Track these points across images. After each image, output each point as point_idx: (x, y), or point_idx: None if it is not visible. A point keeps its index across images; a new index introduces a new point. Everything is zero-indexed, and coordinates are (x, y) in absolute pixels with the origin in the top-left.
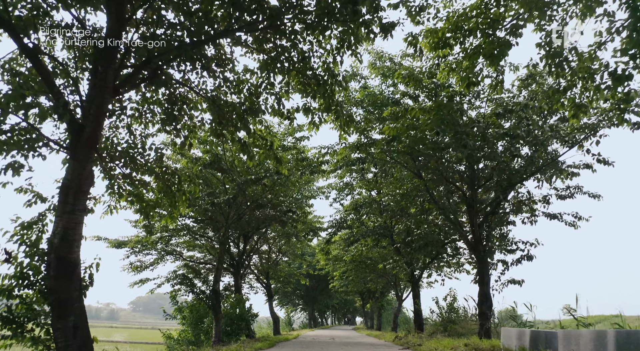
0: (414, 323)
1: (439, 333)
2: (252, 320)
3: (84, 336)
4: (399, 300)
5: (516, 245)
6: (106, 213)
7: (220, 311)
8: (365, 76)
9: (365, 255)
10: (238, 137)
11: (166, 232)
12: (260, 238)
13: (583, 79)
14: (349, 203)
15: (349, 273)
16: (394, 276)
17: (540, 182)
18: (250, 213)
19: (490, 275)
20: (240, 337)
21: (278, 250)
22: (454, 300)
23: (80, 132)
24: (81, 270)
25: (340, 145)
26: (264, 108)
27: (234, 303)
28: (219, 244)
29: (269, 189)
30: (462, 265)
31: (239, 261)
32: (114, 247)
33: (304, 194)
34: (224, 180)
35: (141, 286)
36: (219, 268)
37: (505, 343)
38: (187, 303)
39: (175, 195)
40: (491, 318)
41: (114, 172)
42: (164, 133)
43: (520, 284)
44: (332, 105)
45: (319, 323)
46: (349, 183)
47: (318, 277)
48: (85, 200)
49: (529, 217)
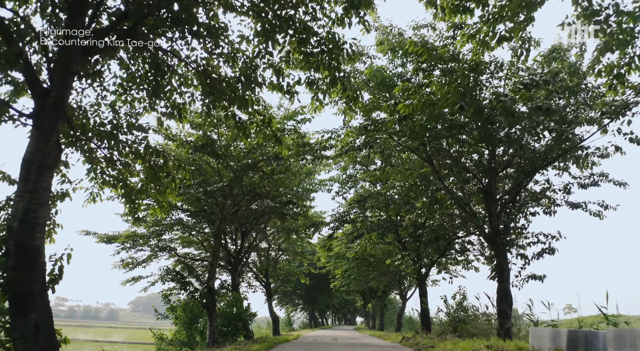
0: (421, 322)
1: (449, 334)
2: (250, 320)
3: (47, 336)
4: (403, 299)
5: (537, 238)
6: (88, 201)
7: (215, 310)
8: (371, 55)
9: (369, 251)
10: (232, 113)
11: (158, 226)
12: (259, 234)
13: (624, 43)
14: (353, 195)
15: (351, 271)
16: (397, 275)
17: (561, 170)
18: (248, 205)
19: (510, 270)
20: (238, 338)
21: (278, 248)
22: (463, 299)
23: (45, 97)
24: (47, 261)
25: (345, 128)
26: (261, 80)
27: (231, 302)
28: (213, 238)
29: (267, 177)
30: (470, 262)
31: (237, 258)
32: (103, 242)
33: (305, 187)
34: (218, 167)
35: (134, 284)
36: (214, 264)
37: (535, 344)
38: (181, 302)
39: (161, 180)
40: (511, 317)
41: (95, 154)
42: (152, 111)
43: (542, 280)
44: (337, 79)
45: (319, 323)
46: (353, 176)
47: (319, 276)
48: (50, 178)
49: (548, 208)
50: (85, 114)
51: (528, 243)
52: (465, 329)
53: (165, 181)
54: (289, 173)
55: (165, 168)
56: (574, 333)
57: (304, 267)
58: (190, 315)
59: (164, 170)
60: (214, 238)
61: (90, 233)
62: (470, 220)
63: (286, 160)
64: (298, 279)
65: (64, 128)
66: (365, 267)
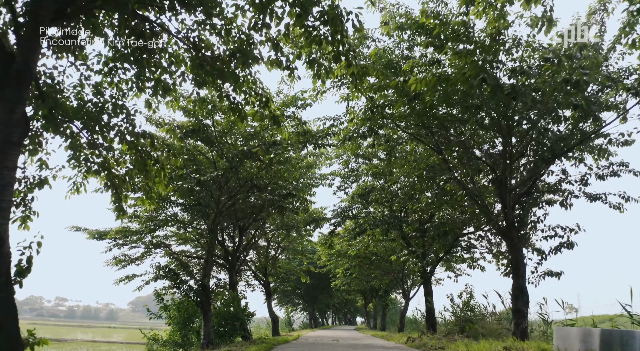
0: (426, 322)
1: (456, 334)
2: (248, 320)
3: (11, 338)
4: (406, 299)
5: (554, 231)
6: (72, 192)
7: (210, 309)
8: (376, 39)
9: (371, 249)
10: (226, 93)
11: (151, 221)
12: (258, 231)
13: None
14: (355, 189)
15: (352, 270)
16: (400, 273)
17: (577, 160)
18: (245, 198)
19: (526, 266)
20: (235, 339)
21: (277, 245)
22: (470, 297)
23: (9, 63)
24: (11, 250)
25: (348, 116)
26: (257, 54)
27: (228, 301)
28: (208, 232)
29: (265, 167)
30: (476, 260)
31: (234, 255)
32: (94, 238)
33: (306, 181)
34: (213, 156)
35: (127, 283)
36: (209, 261)
37: (561, 345)
38: (174, 301)
39: (149, 168)
40: (528, 316)
41: (78, 139)
42: (140, 93)
43: (559, 277)
44: (341, 54)
45: (319, 323)
46: (355, 170)
47: (319, 275)
48: (15, 156)
49: (565, 200)
50: (67, 95)
51: (545, 236)
52: (473, 329)
53: (153, 169)
54: (289, 166)
55: (152, 152)
56: (608, 333)
57: (304, 266)
58: (185, 314)
59: (152, 156)
60: (208, 232)
61: (81, 229)
62: (483, 212)
63: (285, 148)
64: (298, 278)
65: (42, 108)
66: (367, 265)
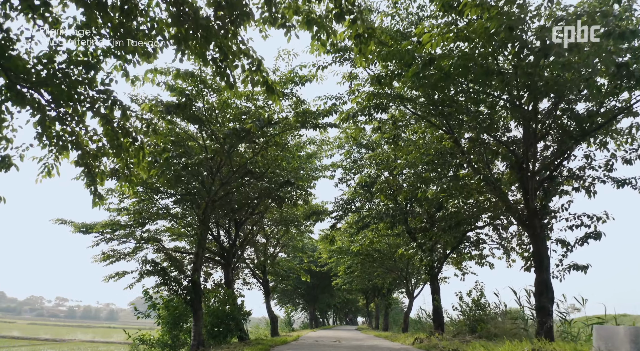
0: (433, 322)
1: (467, 334)
2: (244, 319)
3: None
4: (410, 297)
5: (580, 220)
6: (44, 176)
7: (201, 308)
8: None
9: (375, 246)
10: (212, 57)
11: (140, 214)
12: (255, 226)
13: None
14: (358, 179)
15: (354, 267)
16: (404, 271)
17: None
18: (239, 187)
19: (550, 259)
20: (231, 339)
21: (277, 242)
22: (481, 295)
23: None
24: None
25: (351, 94)
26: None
27: (223, 299)
28: (199, 223)
29: (260, 150)
30: (484, 257)
31: (230, 251)
32: (80, 232)
33: (306, 172)
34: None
35: (117, 280)
36: (200, 255)
37: (602, 346)
38: (163, 299)
39: (124, 144)
40: (553, 314)
41: (46, 113)
42: (113, 58)
43: (585, 270)
44: (345, 13)
45: (320, 323)
46: (357, 160)
47: (320, 274)
48: None
49: (589, 186)
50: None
51: (570, 226)
52: (485, 329)
53: (129, 146)
54: (286, 152)
55: (130, 128)
56: None
57: (305, 264)
58: (175, 313)
59: (129, 133)
60: (199, 223)
61: (66, 222)
62: (501, 199)
63: (282, 128)
64: (298, 277)
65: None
66: (370, 263)
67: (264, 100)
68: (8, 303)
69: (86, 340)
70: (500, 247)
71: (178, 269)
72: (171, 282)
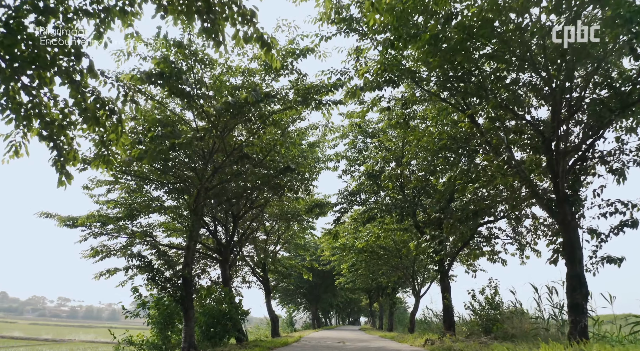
0: (443, 322)
1: (482, 335)
2: (242, 319)
3: None
4: (417, 297)
5: (614, 207)
6: (11, 156)
7: (192, 306)
8: None
9: (382, 240)
10: (196, 8)
11: (129, 205)
12: (254, 221)
13: None
14: (365, 168)
15: (358, 265)
16: (411, 269)
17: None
18: (234, 173)
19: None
20: (228, 341)
21: (277, 239)
22: (495, 293)
23: None
24: None
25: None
26: None
27: (219, 297)
28: (188, 211)
29: (256, 130)
30: (496, 253)
31: (227, 247)
32: (65, 226)
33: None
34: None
35: (109, 277)
36: (191, 248)
37: None
38: (153, 297)
39: (99, 115)
40: (587, 313)
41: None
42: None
43: (619, 263)
44: None
45: (322, 323)
46: (362, 150)
47: (322, 273)
48: None
49: (619, 170)
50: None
51: (603, 213)
52: (502, 329)
53: (108, 122)
54: (287, 137)
55: (100, 94)
56: None
57: (307, 262)
58: (166, 312)
59: (104, 103)
60: (189, 213)
61: (51, 215)
62: (526, 184)
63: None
64: (300, 276)
65: None
66: (375, 261)
67: (262, 76)
68: (10, 304)
69: (86, 340)
70: (515, 242)
71: (167, 264)
72: (159, 278)
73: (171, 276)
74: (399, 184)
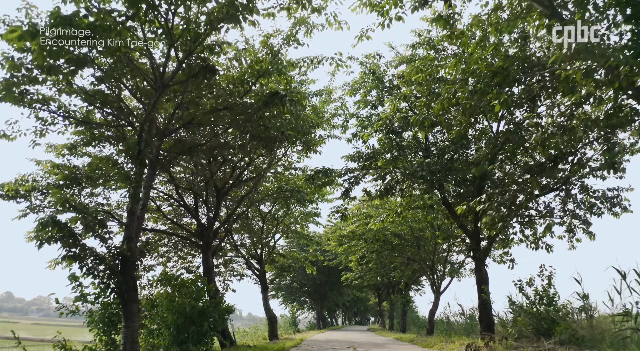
0: (480, 322)
1: (542, 340)
2: (225, 318)
3: None
4: (436, 293)
5: None
6: None
7: (137, 300)
8: None
9: (402, 218)
10: None
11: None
12: (246, 198)
13: None
14: (382, 117)
15: (368, 257)
16: (429, 261)
17: None
18: (197, 97)
19: None
20: (208, 345)
21: (276, 224)
22: (549, 285)
23: None
24: None
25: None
26: None
27: (189, 288)
28: (124, 147)
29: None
30: (539, 238)
31: (210, 229)
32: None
33: (311, 115)
34: None
35: (66, 267)
36: (135, 213)
37: None
38: (94, 287)
39: None
40: None
41: None
42: None
43: None
44: None
45: (328, 323)
46: (376, 105)
47: (328, 270)
48: None
49: None
50: None
51: None
52: (569, 332)
53: None
54: (278, 64)
55: None
56: None
57: (310, 254)
58: (111, 308)
59: None
60: (130, 158)
61: None
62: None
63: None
64: (303, 271)
65: None
66: (388, 252)
67: None
68: (15, 304)
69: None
70: (569, 218)
71: (100, 236)
72: (84, 255)
73: (104, 255)
74: (425, 145)
